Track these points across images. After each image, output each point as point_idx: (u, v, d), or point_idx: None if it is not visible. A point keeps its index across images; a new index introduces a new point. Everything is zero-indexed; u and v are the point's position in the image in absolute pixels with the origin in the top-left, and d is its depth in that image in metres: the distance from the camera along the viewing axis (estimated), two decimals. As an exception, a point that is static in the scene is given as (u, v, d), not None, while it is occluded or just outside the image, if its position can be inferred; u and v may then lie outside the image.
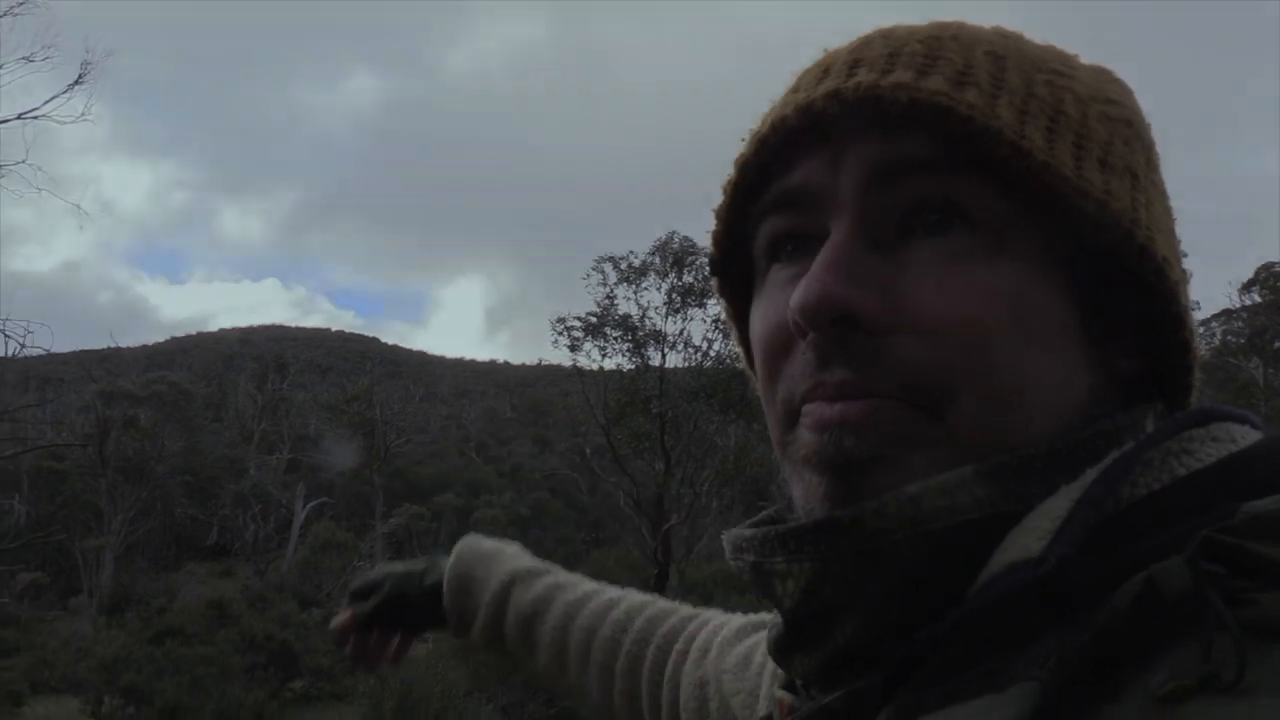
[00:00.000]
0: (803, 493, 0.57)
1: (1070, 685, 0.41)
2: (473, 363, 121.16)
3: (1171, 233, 0.58)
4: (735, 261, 0.65)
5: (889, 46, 0.58)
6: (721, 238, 0.65)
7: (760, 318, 0.61)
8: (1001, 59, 0.56)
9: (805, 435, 0.56)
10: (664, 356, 21.86)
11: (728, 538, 0.60)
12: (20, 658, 19.69)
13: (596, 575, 1.27)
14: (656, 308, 21.84)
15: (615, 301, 22.01)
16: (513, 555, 1.25)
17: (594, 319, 21.98)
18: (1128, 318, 0.56)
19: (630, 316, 21.90)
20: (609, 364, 22.42)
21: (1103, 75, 0.60)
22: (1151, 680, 0.39)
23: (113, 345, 37.57)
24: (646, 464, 22.32)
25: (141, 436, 34.14)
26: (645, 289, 22.00)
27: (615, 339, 21.98)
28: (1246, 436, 0.53)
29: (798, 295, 0.54)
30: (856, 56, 0.58)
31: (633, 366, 22.22)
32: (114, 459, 31.96)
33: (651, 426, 21.32)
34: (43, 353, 16.52)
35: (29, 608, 27.36)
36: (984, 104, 0.53)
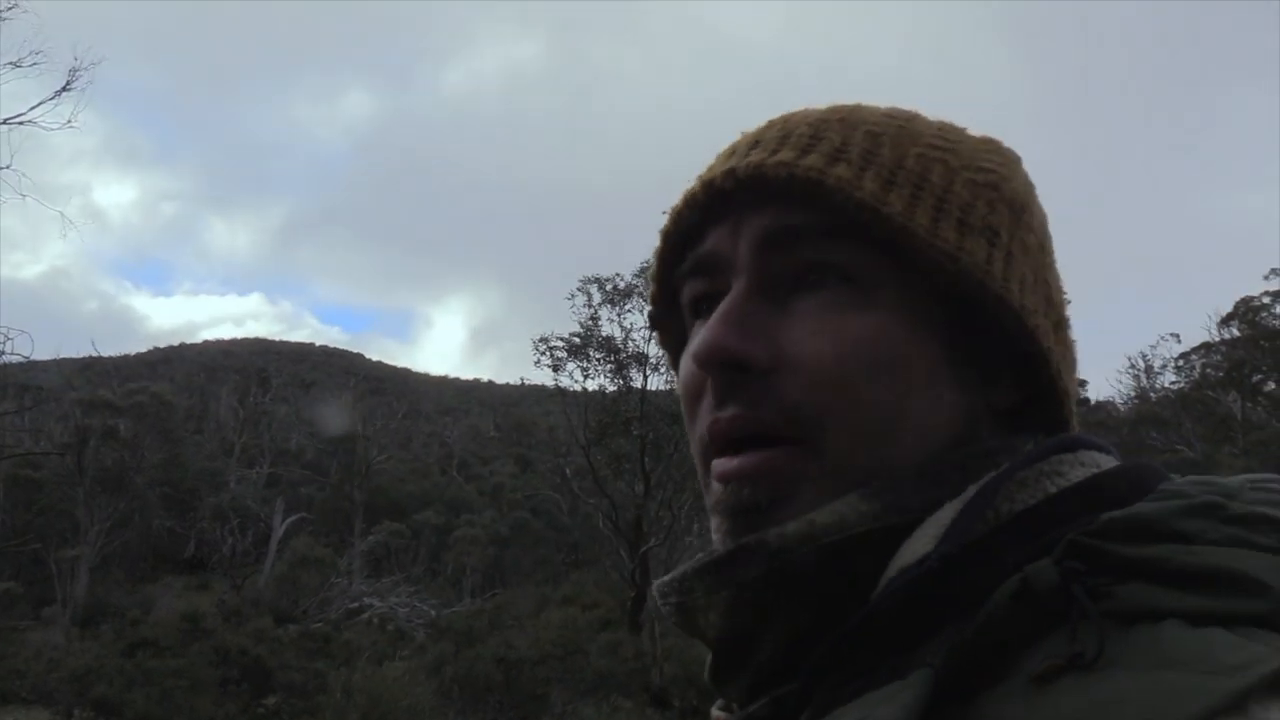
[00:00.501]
0: (714, 532, 0.65)
1: (960, 670, 0.48)
2: (456, 381, 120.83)
3: (1041, 281, 0.67)
4: (672, 317, 0.75)
5: (784, 129, 0.67)
6: (658, 297, 0.76)
7: (681, 367, 0.70)
8: (879, 136, 0.65)
9: (715, 485, 0.64)
10: (646, 378, 21.94)
11: (655, 588, 0.66)
12: (-10, 667, 19.49)
13: (575, 597, 1.23)
14: (640, 330, 21.93)
15: (599, 323, 22.10)
16: None
17: (577, 340, 22.05)
18: (997, 357, 0.65)
19: (613, 338, 22.01)
20: (591, 385, 22.49)
21: (984, 146, 0.70)
22: (1028, 663, 0.47)
23: (94, 354, 37.35)
24: (626, 486, 22.33)
25: (121, 447, 33.92)
26: (629, 311, 22.09)
27: (598, 360, 22.05)
28: (1108, 462, 0.62)
29: (694, 344, 0.64)
30: (757, 138, 0.68)
31: (614, 388, 22.28)
32: (92, 469, 31.73)
33: (632, 448, 21.36)
34: (22, 359, 16.47)
35: (1, 617, 27.12)
36: (851, 176, 0.62)
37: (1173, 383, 36.68)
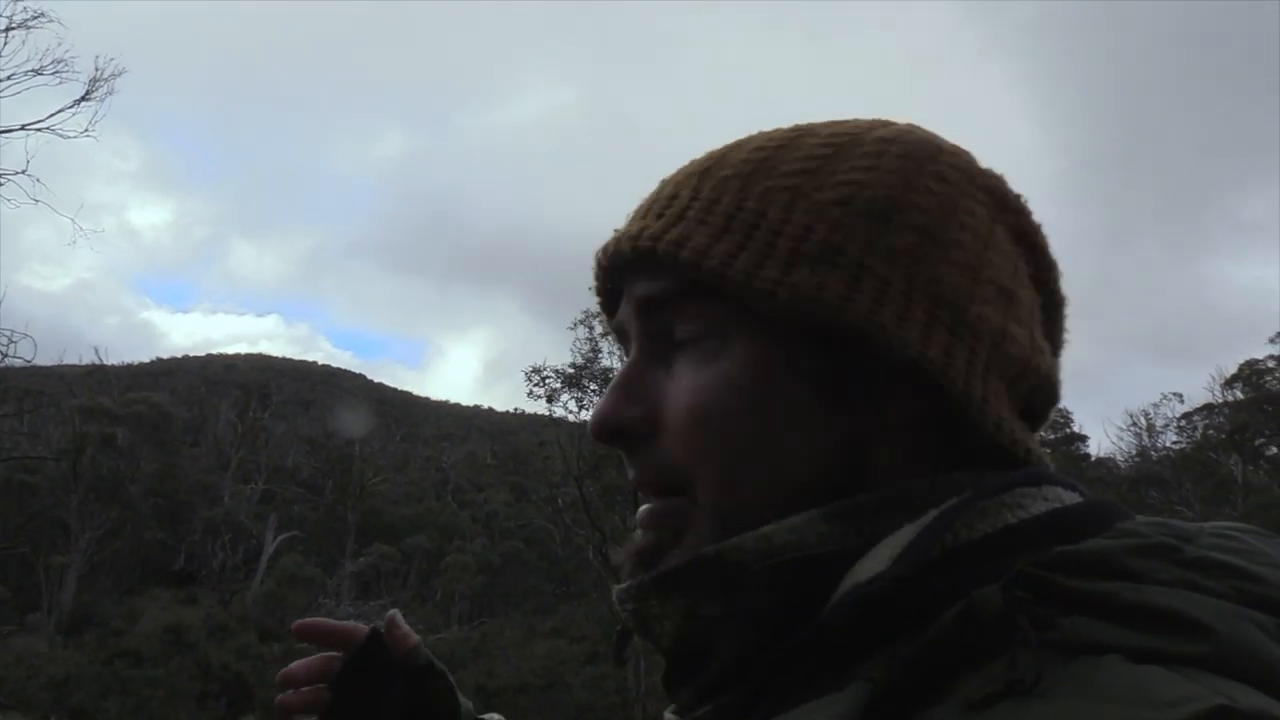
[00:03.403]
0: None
1: (898, 688, 0.49)
2: (457, 407, 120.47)
3: (926, 280, 0.64)
4: None
5: (655, 193, 0.71)
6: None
7: None
8: (728, 181, 0.66)
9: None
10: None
11: (615, 593, 0.68)
12: (-30, 671, 19.36)
13: (563, 629, 1.15)
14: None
15: (600, 355, 22.13)
16: None
17: (571, 370, 22.07)
18: (878, 374, 0.63)
19: (612, 370, 22.00)
20: (586, 416, 22.45)
21: (866, 149, 0.67)
22: (967, 687, 0.48)
23: (98, 361, 37.41)
24: (619, 519, 22.24)
25: (117, 455, 33.92)
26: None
27: (594, 392, 22.05)
28: (1071, 499, 0.62)
29: (590, 419, 0.69)
30: (641, 203, 0.72)
31: (612, 420, 22.23)
32: (88, 476, 31.69)
33: (625, 481, 21.25)
34: (24, 363, 16.53)
35: (-15, 621, 26.97)
36: (678, 237, 0.65)
37: (1174, 442, 36.54)
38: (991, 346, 0.64)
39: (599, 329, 22.11)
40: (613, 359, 22.16)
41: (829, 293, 0.62)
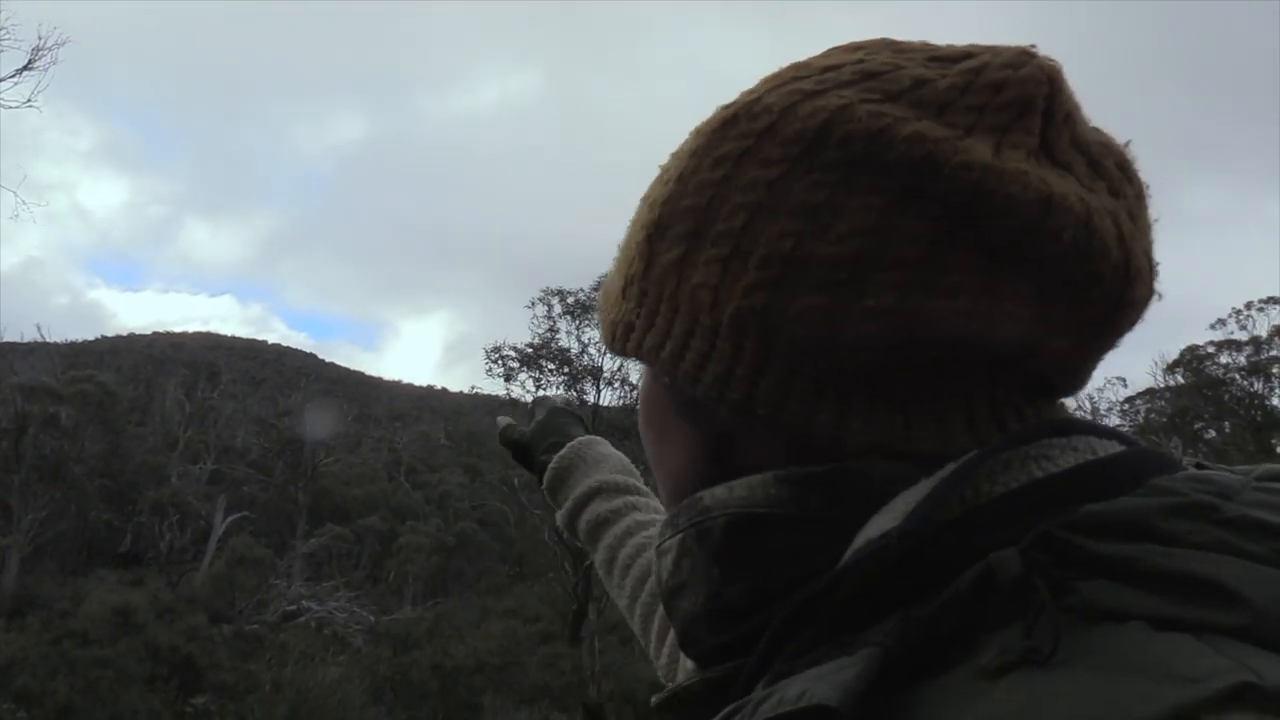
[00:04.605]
0: None
1: (911, 653, 0.47)
2: (410, 387, 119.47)
3: (674, 299, 0.62)
4: None
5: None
6: None
7: None
8: (645, 231, 0.65)
9: None
10: (599, 392, 21.94)
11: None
12: (-91, 655, 18.89)
13: (517, 609, 1.29)
14: (597, 343, 21.94)
15: (557, 335, 22.10)
16: (613, 466, 1.36)
17: (530, 350, 22.02)
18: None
19: (569, 350, 21.99)
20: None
21: (688, 144, 0.64)
22: (983, 654, 0.46)
23: (40, 339, 36.60)
24: (575, 499, 22.23)
25: (61, 435, 33.24)
26: (589, 325, 22.09)
27: (551, 371, 22.03)
28: (1106, 449, 0.56)
29: None
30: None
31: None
32: (30, 456, 31.05)
33: (582, 461, 21.28)
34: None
35: (-76, 604, 26.34)
36: (599, 309, 0.72)
37: (1118, 426, 37.24)
38: (761, 338, 0.57)
39: (557, 308, 22.09)
40: (570, 339, 22.15)
41: (624, 322, 0.66)
